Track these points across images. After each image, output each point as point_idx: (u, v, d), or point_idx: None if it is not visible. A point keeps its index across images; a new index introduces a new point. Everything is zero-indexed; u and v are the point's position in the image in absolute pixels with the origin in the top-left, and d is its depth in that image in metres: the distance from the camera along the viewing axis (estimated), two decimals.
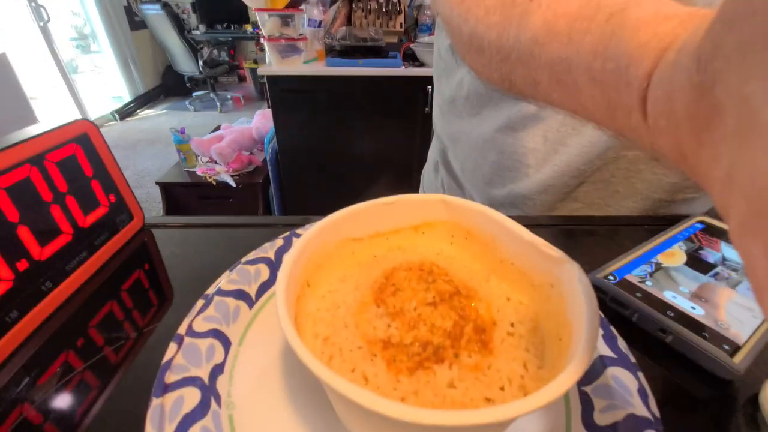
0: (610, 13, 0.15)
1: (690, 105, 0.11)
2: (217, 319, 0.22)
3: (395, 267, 0.22)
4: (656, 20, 0.13)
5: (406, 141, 1.42)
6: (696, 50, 0.10)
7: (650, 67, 0.13)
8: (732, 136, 0.09)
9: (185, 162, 1.53)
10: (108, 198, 0.30)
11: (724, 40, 0.09)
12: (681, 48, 0.11)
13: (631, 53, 0.13)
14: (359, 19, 1.43)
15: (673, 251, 0.29)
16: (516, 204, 0.43)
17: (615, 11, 0.15)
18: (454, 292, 0.20)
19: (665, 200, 0.38)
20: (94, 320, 0.25)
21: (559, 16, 0.17)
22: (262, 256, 0.27)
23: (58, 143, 0.26)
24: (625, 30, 0.14)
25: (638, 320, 0.24)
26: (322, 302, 0.20)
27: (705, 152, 0.10)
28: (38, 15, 2.68)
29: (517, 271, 0.21)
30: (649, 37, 0.13)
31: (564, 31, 0.16)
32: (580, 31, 0.16)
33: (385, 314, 0.19)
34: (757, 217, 0.07)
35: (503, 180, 0.43)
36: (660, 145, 0.13)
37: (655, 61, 0.13)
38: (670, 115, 0.12)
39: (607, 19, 0.15)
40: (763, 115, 0.07)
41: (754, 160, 0.08)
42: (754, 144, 0.08)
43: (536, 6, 0.18)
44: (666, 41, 0.13)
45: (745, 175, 0.08)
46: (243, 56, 4.05)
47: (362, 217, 0.23)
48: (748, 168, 0.08)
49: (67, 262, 0.26)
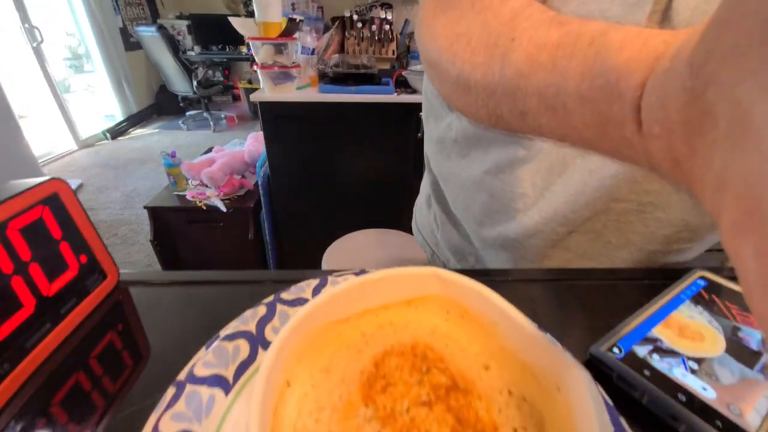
0: (592, 38, 0.15)
1: (683, 109, 0.11)
2: (188, 417, 0.19)
3: (386, 351, 0.21)
4: (643, 36, 0.14)
5: (398, 167, 1.42)
6: (690, 55, 0.10)
7: (643, 76, 0.13)
8: (724, 139, 0.09)
9: (175, 186, 1.50)
10: (78, 259, 0.28)
11: (717, 42, 0.09)
12: (674, 55, 0.12)
13: (620, 67, 0.14)
14: (352, 46, 1.45)
15: (700, 329, 0.26)
16: (506, 247, 0.42)
17: (596, 36, 0.15)
18: (451, 386, 0.19)
19: (659, 251, 0.37)
20: (56, 400, 0.23)
21: (541, 48, 0.18)
22: (242, 329, 0.24)
23: (23, 208, 0.24)
24: (610, 49, 0.14)
25: (648, 403, 0.22)
26: (304, 403, 0.18)
27: (698, 156, 0.10)
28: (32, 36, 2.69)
29: (519, 363, 0.19)
30: (639, 49, 0.13)
31: (548, 60, 0.17)
32: (564, 57, 0.16)
33: (374, 418, 0.17)
34: (748, 216, 0.07)
35: (493, 222, 0.42)
36: (653, 154, 0.13)
37: (647, 71, 0.13)
38: (664, 121, 0.12)
39: (589, 43, 0.15)
40: (755, 115, 0.07)
41: (745, 160, 0.08)
42: (745, 144, 0.08)
43: (518, 44, 0.19)
44: (658, 51, 0.13)
45: (737, 175, 0.08)
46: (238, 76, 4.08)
47: (349, 297, 0.21)
48: (739, 168, 0.08)
49: (27, 339, 0.24)
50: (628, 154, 0.15)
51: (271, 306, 0.26)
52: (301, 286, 0.28)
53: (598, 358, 0.24)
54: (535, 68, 0.18)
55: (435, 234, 0.57)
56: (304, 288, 0.28)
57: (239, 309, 0.26)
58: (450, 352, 0.21)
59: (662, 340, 0.25)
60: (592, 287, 0.34)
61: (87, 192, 2.44)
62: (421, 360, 0.20)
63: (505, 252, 0.43)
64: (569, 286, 0.34)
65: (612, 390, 0.23)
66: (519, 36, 0.19)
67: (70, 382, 0.24)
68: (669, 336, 0.25)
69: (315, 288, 0.28)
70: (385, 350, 0.21)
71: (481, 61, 0.21)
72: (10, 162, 1.95)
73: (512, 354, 0.19)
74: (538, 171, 0.37)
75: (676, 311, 0.28)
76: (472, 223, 0.46)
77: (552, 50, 0.17)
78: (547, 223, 0.37)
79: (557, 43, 0.17)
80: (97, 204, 2.29)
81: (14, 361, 0.23)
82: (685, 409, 0.21)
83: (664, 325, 0.26)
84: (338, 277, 0.29)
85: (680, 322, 0.27)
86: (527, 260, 0.42)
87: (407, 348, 0.21)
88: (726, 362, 0.24)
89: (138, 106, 3.72)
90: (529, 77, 0.18)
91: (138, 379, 0.25)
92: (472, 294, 0.21)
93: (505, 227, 0.41)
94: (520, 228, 0.39)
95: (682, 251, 0.38)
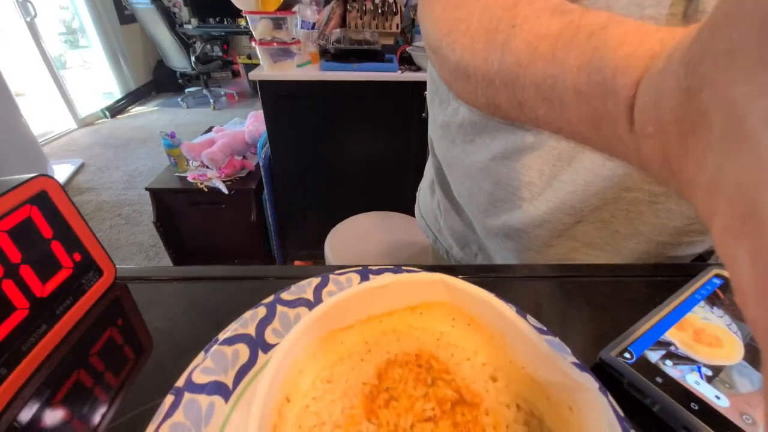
0: (592, 31, 0.15)
1: (677, 110, 0.11)
2: (186, 428, 0.19)
3: (389, 361, 0.20)
4: (640, 33, 0.14)
5: (402, 147, 1.39)
6: (685, 56, 0.10)
7: (637, 75, 0.13)
8: (718, 141, 0.09)
9: (176, 167, 1.48)
10: (72, 258, 0.27)
11: (712, 45, 0.09)
12: (670, 55, 0.12)
13: (616, 64, 0.14)
14: (354, 19, 1.38)
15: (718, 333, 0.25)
16: (511, 236, 0.41)
17: (596, 29, 0.15)
18: (456, 401, 0.18)
19: (669, 243, 0.36)
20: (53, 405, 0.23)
21: (542, 38, 0.17)
22: (241, 332, 0.24)
23: (9, 209, 0.23)
24: (608, 44, 0.14)
25: (659, 412, 0.22)
26: (305, 417, 0.17)
27: (690, 157, 0.10)
28: (25, 10, 2.60)
29: (529, 378, 0.18)
30: (635, 47, 0.13)
31: (547, 50, 0.17)
32: (563, 49, 0.16)
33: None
34: (743, 220, 0.07)
35: (498, 211, 0.41)
36: (644, 153, 0.13)
37: (642, 70, 0.13)
38: (657, 120, 0.12)
39: (589, 36, 0.15)
40: (749, 119, 0.07)
41: (739, 164, 0.08)
42: (739, 148, 0.08)
43: (518, 31, 0.19)
44: (654, 50, 0.13)
45: (731, 179, 0.08)
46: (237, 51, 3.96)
47: (353, 304, 0.20)
48: (733, 172, 0.08)
49: (23, 342, 0.23)
50: (619, 152, 0.15)
51: (270, 307, 0.26)
52: (301, 285, 0.27)
53: (609, 364, 0.24)
54: (534, 58, 0.17)
55: (438, 220, 0.56)
56: (305, 288, 0.27)
57: (240, 305, 0.26)
58: (456, 362, 0.20)
59: (676, 344, 0.24)
60: (599, 283, 0.33)
61: (88, 172, 2.43)
62: (426, 371, 0.19)
63: (510, 241, 0.42)
64: (576, 283, 0.33)
65: (622, 396, 0.22)
66: (520, 23, 0.19)
67: (68, 385, 0.24)
68: (683, 340, 0.25)
69: (316, 287, 0.27)
70: (388, 359, 0.20)
71: (481, 47, 0.21)
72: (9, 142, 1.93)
73: (521, 367, 0.18)
74: (547, 159, 0.35)
75: (691, 313, 0.27)
76: (476, 211, 0.45)
77: (552, 41, 0.17)
78: (554, 213, 0.36)
79: (557, 34, 0.17)
80: (99, 184, 2.28)
81: (11, 365, 0.23)
82: (696, 419, 0.20)
83: (678, 328, 0.25)
84: (340, 275, 0.28)
85: (695, 325, 0.26)
86: (532, 250, 0.41)
87: (411, 357, 0.20)
88: (745, 371, 0.23)
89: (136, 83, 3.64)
90: (528, 67, 0.18)
91: (137, 379, 0.24)
92: (480, 303, 0.20)
93: (510, 216, 0.40)
94: (525, 217, 0.38)
95: (693, 244, 0.37)
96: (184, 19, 3.52)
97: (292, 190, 1.47)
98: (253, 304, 0.25)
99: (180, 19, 3.48)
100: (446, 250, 0.56)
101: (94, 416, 0.22)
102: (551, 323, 0.26)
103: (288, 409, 0.17)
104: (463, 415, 0.17)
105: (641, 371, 0.23)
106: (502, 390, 0.19)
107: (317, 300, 0.26)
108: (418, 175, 0.64)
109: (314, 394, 0.18)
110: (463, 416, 0.17)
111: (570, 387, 0.16)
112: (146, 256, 1.73)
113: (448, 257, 0.56)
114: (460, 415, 0.17)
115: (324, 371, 0.19)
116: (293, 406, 0.18)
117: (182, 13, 3.55)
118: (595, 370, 0.24)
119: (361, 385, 0.19)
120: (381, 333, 0.21)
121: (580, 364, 0.22)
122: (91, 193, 2.16)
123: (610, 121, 0.14)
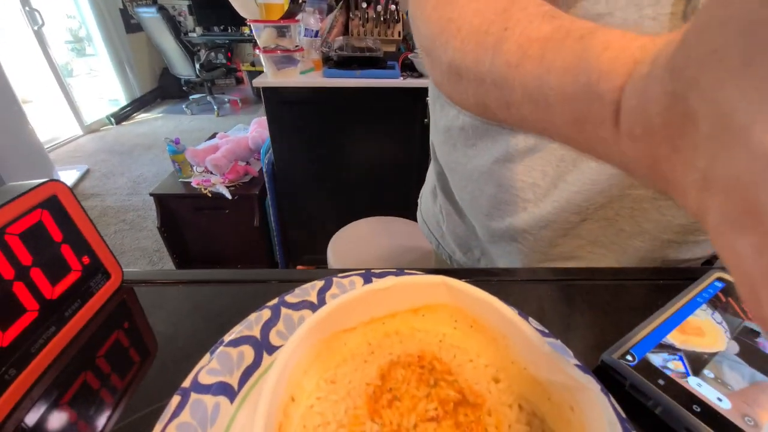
0: (581, 35, 0.16)
1: (664, 113, 0.11)
2: (193, 427, 0.19)
3: (392, 362, 0.20)
4: (625, 40, 0.14)
5: (405, 153, 1.40)
6: (669, 61, 0.10)
7: (621, 80, 0.13)
8: (707, 141, 0.09)
9: (180, 172, 1.50)
10: (81, 261, 0.28)
11: (697, 47, 0.09)
12: (654, 60, 0.12)
13: (601, 68, 0.14)
14: (357, 27, 1.40)
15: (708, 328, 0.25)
16: (515, 238, 0.41)
17: (585, 34, 0.16)
18: (459, 401, 0.18)
19: (674, 241, 0.36)
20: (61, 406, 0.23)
21: (533, 41, 0.18)
22: (246, 334, 0.24)
23: (20, 213, 0.24)
24: (595, 48, 0.15)
25: (661, 414, 0.22)
26: (309, 417, 0.18)
27: (680, 158, 0.11)
28: (32, 19, 2.65)
29: (531, 378, 0.18)
30: (619, 53, 0.14)
31: (537, 52, 0.17)
32: (552, 51, 0.17)
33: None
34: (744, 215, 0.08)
35: (502, 213, 0.41)
36: (629, 154, 0.13)
37: (626, 75, 0.13)
38: (644, 124, 0.12)
39: (577, 40, 0.16)
40: (738, 116, 0.08)
41: (732, 161, 0.08)
42: (732, 146, 0.08)
43: (510, 34, 0.19)
44: (636, 56, 0.13)
45: (726, 175, 0.08)
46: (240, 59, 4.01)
47: (356, 306, 0.20)
48: (727, 169, 0.08)
49: (32, 343, 0.24)
50: (602, 153, 0.15)
51: (275, 309, 0.26)
52: (305, 288, 0.27)
53: (610, 366, 0.24)
54: (524, 59, 0.18)
55: (440, 225, 0.56)
56: (309, 290, 0.27)
57: (244, 308, 0.26)
58: (458, 363, 0.20)
59: (677, 347, 0.24)
60: (601, 287, 0.33)
61: (93, 178, 2.45)
62: (428, 372, 0.19)
63: (514, 243, 0.42)
64: (578, 286, 0.33)
65: (624, 398, 0.22)
66: (512, 26, 0.19)
67: (76, 386, 0.24)
68: (684, 342, 0.25)
69: (320, 290, 0.27)
70: (391, 361, 0.20)
71: (472, 49, 0.21)
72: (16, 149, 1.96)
73: (523, 368, 0.19)
74: (549, 160, 0.35)
75: (693, 316, 0.27)
76: (480, 215, 0.45)
77: (542, 43, 0.17)
78: (559, 213, 0.36)
79: (548, 37, 0.17)
80: (104, 190, 2.30)
81: (20, 366, 0.23)
82: (699, 421, 0.20)
83: (680, 331, 0.26)
84: (343, 278, 0.28)
85: (696, 328, 0.26)
86: (537, 251, 0.41)
87: (414, 359, 0.20)
88: (735, 365, 0.23)
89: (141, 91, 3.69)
90: (518, 68, 0.18)
91: (143, 380, 0.25)
92: (482, 305, 0.20)
93: (515, 218, 0.40)
94: (530, 218, 0.38)
95: (699, 243, 0.37)
96: (189, 28, 3.58)
97: (294, 196, 1.48)
98: (258, 307, 0.26)
99: (185, 27, 3.54)
100: (449, 255, 0.56)
101: (100, 417, 0.22)
102: (553, 326, 0.26)
103: (293, 409, 0.18)
104: (466, 416, 0.17)
105: (643, 373, 0.23)
106: (505, 391, 0.19)
107: (321, 302, 0.27)
108: (420, 180, 0.64)
109: (318, 394, 0.19)
110: (466, 416, 0.17)
111: (571, 387, 0.16)
112: (150, 261, 1.74)
113: (451, 262, 0.56)
114: (462, 416, 0.17)
115: (328, 372, 0.20)
116: (298, 405, 0.18)
117: (187, 21, 3.61)
118: (597, 372, 0.24)
119: (365, 386, 0.19)
120: (384, 335, 0.22)
121: (582, 366, 0.22)
122: (96, 199, 2.18)
123: (595, 123, 0.15)
